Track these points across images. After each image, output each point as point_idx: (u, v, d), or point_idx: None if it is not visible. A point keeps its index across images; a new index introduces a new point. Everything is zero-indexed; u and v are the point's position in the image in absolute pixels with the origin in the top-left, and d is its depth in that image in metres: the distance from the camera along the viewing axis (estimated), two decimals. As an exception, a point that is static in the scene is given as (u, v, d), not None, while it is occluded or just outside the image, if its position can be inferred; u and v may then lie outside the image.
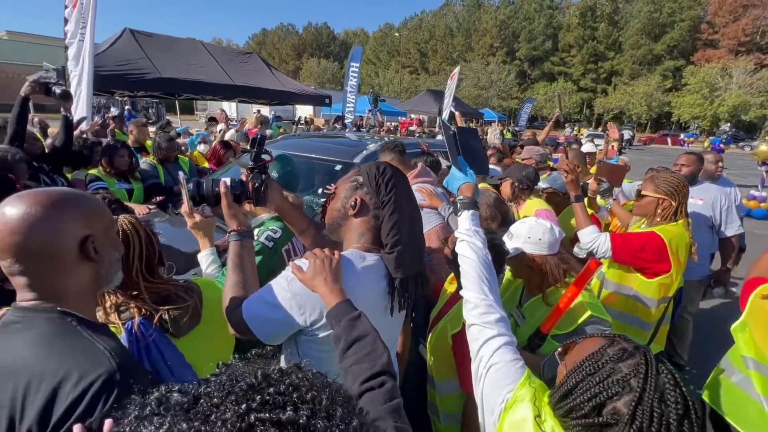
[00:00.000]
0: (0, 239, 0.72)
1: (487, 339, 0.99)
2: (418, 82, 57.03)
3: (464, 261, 1.15)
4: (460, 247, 1.18)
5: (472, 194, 1.28)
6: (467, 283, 1.11)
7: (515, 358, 0.97)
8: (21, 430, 0.65)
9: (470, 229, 1.20)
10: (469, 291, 1.09)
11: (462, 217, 1.23)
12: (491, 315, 1.03)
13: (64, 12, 5.84)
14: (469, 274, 1.11)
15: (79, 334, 0.75)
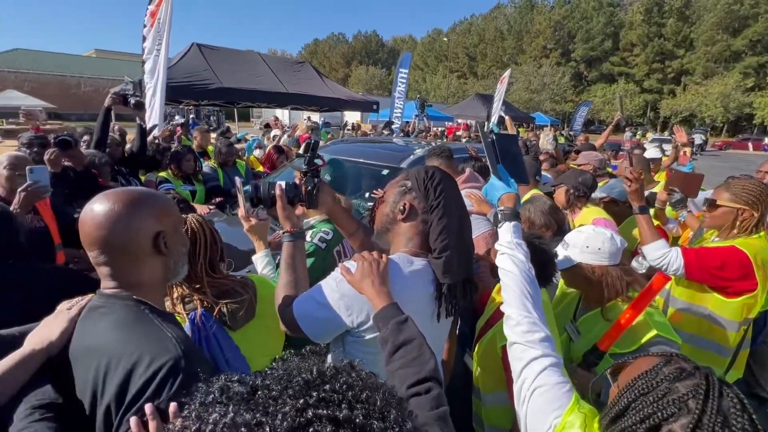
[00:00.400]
0: (89, 233, 0.81)
1: (531, 359, 0.94)
2: (465, 87, 56.22)
3: (505, 275, 1.10)
4: (501, 261, 1.13)
5: (514, 205, 1.22)
6: (509, 298, 1.06)
7: (562, 380, 0.90)
8: (102, 404, 0.72)
9: (512, 241, 1.14)
10: (510, 307, 1.04)
11: (503, 229, 1.18)
12: (535, 333, 0.97)
13: (143, 31, 6.47)
14: (511, 289, 1.06)
15: (151, 321, 0.82)
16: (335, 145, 4.26)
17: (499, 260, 1.14)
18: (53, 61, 33.31)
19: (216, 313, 1.21)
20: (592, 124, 44.39)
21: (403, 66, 10.32)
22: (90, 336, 0.80)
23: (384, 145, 4.00)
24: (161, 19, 6.13)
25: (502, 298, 1.08)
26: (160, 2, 6.16)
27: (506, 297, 1.07)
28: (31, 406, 0.71)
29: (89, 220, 0.81)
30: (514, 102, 36.87)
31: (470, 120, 24.80)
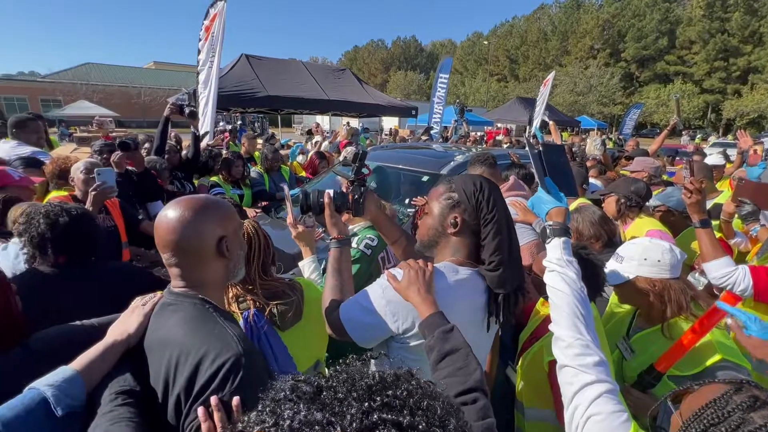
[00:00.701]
0: (163, 237, 0.89)
1: (584, 385, 0.89)
2: (506, 90, 54.88)
3: (555, 294, 1.06)
4: (551, 278, 1.09)
5: (564, 220, 1.17)
6: (558, 318, 1.02)
7: (618, 409, 0.85)
8: (173, 393, 0.79)
9: (562, 258, 1.10)
10: (560, 327, 1.00)
11: (552, 245, 1.13)
12: (588, 357, 0.92)
13: (199, 44, 6.92)
14: (561, 309, 1.02)
15: (215, 320, 0.88)
16: (375, 151, 4.33)
17: (548, 277, 1.10)
18: (117, 74, 36.42)
19: (267, 314, 1.28)
20: (643, 127, 41.68)
21: (443, 71, 10.28)
22: (162, 330, 0.88)
23: (424, 152, 4.01)
24: (215, 33, 6.53)
25: (551, 317, 1.04)
26: (214, 17, 6.57)
27: (555, 317, 1.03)
28: (115, 391, 0.79)
29: (164, 225, 0.89)
30: (558, 105, 35.48)
31: (510, 124, 24.18)
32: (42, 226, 1.45)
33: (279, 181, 4.38)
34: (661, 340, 1.29)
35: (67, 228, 1.47)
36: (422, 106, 13.14)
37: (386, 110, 10.67)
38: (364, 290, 1.16)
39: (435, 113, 10.15)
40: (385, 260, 1.90)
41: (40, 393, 0.73)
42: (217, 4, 6.50)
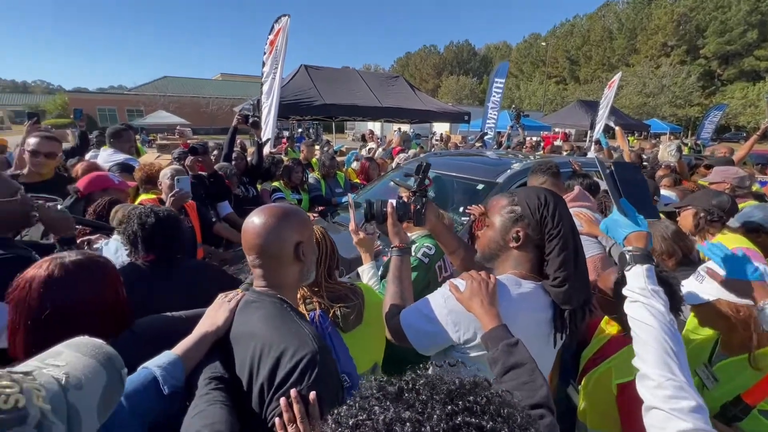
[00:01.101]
0: (249, 241, 0.99)
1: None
2: (565, 93, 52.18)
3: (639, 327, 0.99)
4: (634, 310, 1.02)
5: (645, 245, 1.10)
6: (644, 354, 0.94)
7: None
8: (257, 383, 0.88)
9: (646, 288, 1.02)
10: (647, 364, 0.92)
11: (634, 274, 1.06)
12: (683, 401, 0.83)
13: (263, 57, 7.41)
14: (648, 344, 0.94)
15: (292, 318, 0.96)
16: (427, 158, 4.35)
17: (630, 308, 1.04)
18: (189, 85, 39.94)
19: (331, 315, 1.36)
20: (726, 130, 37.43)
21: (499, 75, 10.06)
22: (247, 324, 0.97)
23: (478, 159, 3.96)
24: (278, 46, 6.96)
25: (635, 351, 0.98)
26: (278, 32, 7.01)
27: (641, 352, 0.96)
28: (208, 376, 0.90)
29: (250, 230, 0.99)
30: (624, 108, 33.04)
31: (569, 129, 22.92)
32: (135, 226, 1.66)
33: (335, 186, 4.56)
34: (749, 371, 1.18)
35: (155, 228, 1.66)
36: (475, 111, 12.94)
37: (438, 116, 10.66)
38: (426, 299, 1.19)
39: (489, 118, 9.94)
40: (441, 269, 1.92)
41: (151, 372, 0.85)
42: (281, 20, 6.93)
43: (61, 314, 0.93)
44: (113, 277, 1.08)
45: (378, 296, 1.57)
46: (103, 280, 1.03)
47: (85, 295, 0.97)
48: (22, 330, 0.92)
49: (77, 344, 0.60)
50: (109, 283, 1.05)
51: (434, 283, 1.90)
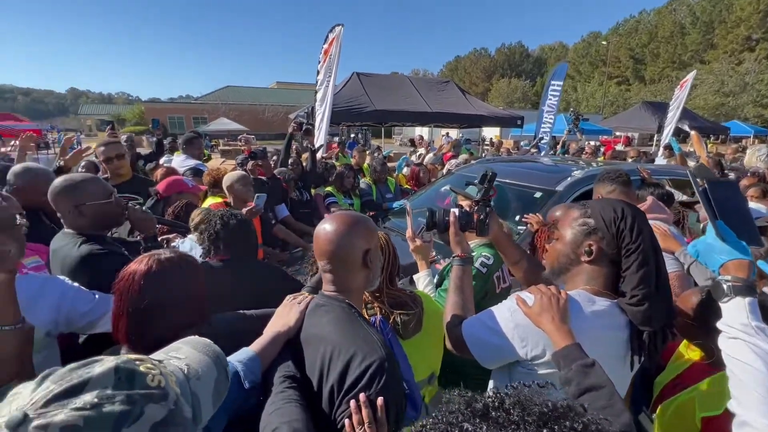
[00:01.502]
0: (321, 246, 1.04)
1: None
2: (627, 94, 48.64)
3: (740, 367, 0.89)
4: (732, 347, 0.93)
5: (748, 275, 0.98)
6: (745, 398, 0.86)
7: None
8: (327, 384, 0.91)
9: (749, 324, 0.92)
10: (748, 410, 0.84)
11: (734, 307, 0.96)
12: None
13: (318, 65, 7.71)
14: (750, 388, 0.85)
15: (360, 323, 0.99)
16: (481, 165, 4.26)
17: (728, 345, 0.95)
18: (248, 94, 42.48)
19: (391, 322, 1.37)
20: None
21: (556, 77, 9.61)
22: (317, 327, 1.02)
23: (535, 165, 3.81)
24: (332, 55, 7.20)
25: (731, 393, 0.89)
26: (332, 41, 7.26)
27: (740, 395, 0.88)
28: (283, 374, 0.95)
29: (323, 236, 1.04)
30: (697, 108, 30.11)
31: (632, 132, 21.31)
32: (213, 227, 1.79)
33: (385, 192, 4.61)
34: None
35: (230, 230, 1.79)
36: (528, 115, 12.48)
37: (489, 120, 10.42)
38: (489, 310, 1.17)
39: (544, 122, 9.53)
40: (500, 279, 1.87)
41: (233, 366, 0.92)
42: (335, 29, 7.17)
43: (156, 305, 1.03)
44: (199, 274, 1.18)
45: (436, 305, 1.57)
46: (191, 276, 1.14)
47: (175, 289, 1.08)
48: (125, 317, 1.03)
49: (193, 342, 0.67)
50: (196, 279, 1.15)
51: (492, 294, 1.85)
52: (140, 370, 0.51)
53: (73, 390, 0.45)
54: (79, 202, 1.66)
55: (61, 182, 1.69)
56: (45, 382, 0.47)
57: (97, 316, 1.44)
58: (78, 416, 0.43)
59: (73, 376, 0.47)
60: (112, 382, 0.47)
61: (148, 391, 0.49)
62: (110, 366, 0.49)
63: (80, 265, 1.60)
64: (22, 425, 0.41)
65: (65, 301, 1.39)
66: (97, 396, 0.45)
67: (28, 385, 0.47)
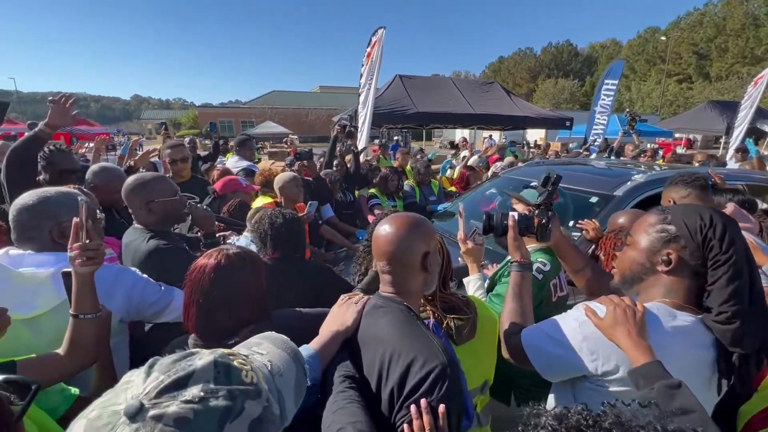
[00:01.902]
0: (381, 247, 1.03)
1: None
2: (689, 93, 44.95)
3: None
4: None
5: None
6: None
7: None
8: (387, 387, 0.90)
9: None
10: None
11: None
12: None
13: (361, 69, 7.81)
14: None
15: (419, 327, 0.97)
16: (530, 168, 4.10)
17: None
18: (292, 98, 44.01)
19: (444, 326, 1.34)
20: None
21: (611, 76, 9.04)
22: (374, 328, 1.01)
23: (590, 169, 3.61)
24: (374, 58, 7.27)
25: None
26: (374, 44, 7.33)
27: None
28: (342, 374, 0.95)
29: (383, 237, 1.03)
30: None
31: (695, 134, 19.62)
32: (266, 226, 1.85)
33: (429, 194, 4.57)
34: None
35: (283, 229, 1.84)
36: (577, 116, 11.87)
37: (536, 122, 10.05)
38: (553, 320, 1.10)
39: (596, 124, 9.01)
40: (557, 287, 1.78)
41: (296, 363, 0.93)
42: (378, 32, 7.23)
43: (223, 297, 1.08)
44: (262, 270, 1.21)
45: (490, 311, 1.51)
46: (256, 272, 1.18)
47: (241, 283, 1.12)
48: (195, 307, 1.08)
49: (271, 338, 0.68)
50: (259, 275, 1.19)
51: (548, 303, 1.76)
52: (235, 365, 0.52)
53: (180, 381, 0.47)
54: (149, 198, 1.78)
55: (134, 180, 1.82)
56: (153, 372, 0.49)
57: (162, 306, 1.53)
58: (189, 409, 0.44)
59: (178, 368, 0.48)
60: (213, 376, 0.49)
61: (246, 387, 0.50)
62: (210, 360, 0.50)
63: (148, 259, 1.70)
64: (139, 414, 0.43)
65: (136, 290, 1.48)
66: (202, 389, 0.46)
67: (137, 373, 0.49)
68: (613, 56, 53.45)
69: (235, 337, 1.08)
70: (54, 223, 1.32)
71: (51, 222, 1.31)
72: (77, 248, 1.07)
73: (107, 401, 0.46)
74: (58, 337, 1.15)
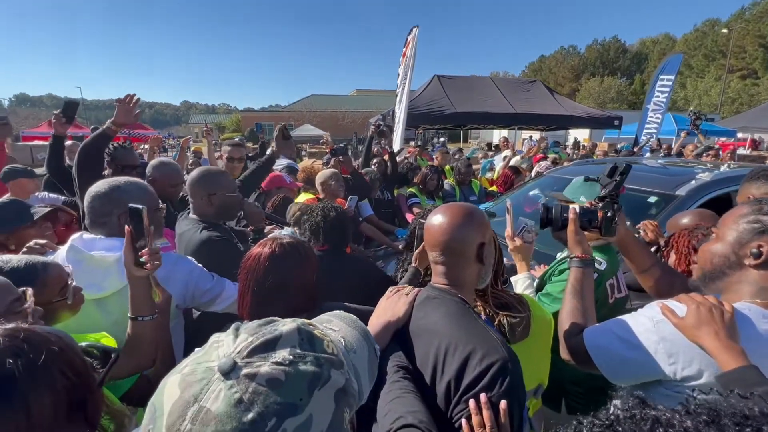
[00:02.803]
0: (435, 237, 1.00)
1: None
2: (754, 90, 41.19)
3: None
4: None
5: None
6: None
7: None
8: (443, 381, 0.86)
9: None
10: None
11: None
12: None
13: (398, 69, 7.81)
14: None
15: (476, 320, 0.93)
16: (579, 166, 3.90)
17: None
18: (329, 101, 44.90)
19: (496, 323, 1.28)
20: None
21: (667, 71, 8.40)
22: (427, 319, 0.98)
23: (649, 167, 3.37)
24: (408, 57, 7.24)
25: None
26: (408, 43, 7.31)
27: None
28: (396, 364, 0.93)
29: (436, 227, 1.00)
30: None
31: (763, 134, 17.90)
32: (317, 218, 1.87)
33: (468, 194, 4.47)
34: None
35: (333, 222, 1.85)
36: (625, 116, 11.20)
37: (582, 121, 9.59)
38: (621, 320, 1.02)
39: (649, 122, 8.44)
40: (614, 288, 1.66)
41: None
42: (412, 31, 7.20)
43: (277, 284, 1.09)
44: (313, 260, 1.22)
45: (544, 310, 1.43)
46: (307, 261, 1.18)
47: (294, 271, 1.13)
48: (249, 294, 1.10)
49: (341, 316, 0.66)
50: (311, 265, 1.19)
51: (603, 304, 1.65)
52: (317, 335, 0.51)
53: (269, 343, 0.46)
54: (212, 191, 1.86)
55: (200, 172, 1.91)
56: (241, 333, 0.49)
57: (215, 294, 1.58)
58: (280, 371, 0.44)
59: (265, 331, 0.48)
60: (297, 341, 0.48)
61: (329, 356, 0.49)
62: (294, 326, 0.50)
63: (200, 248, 1.77)
64: (233, 371, 0.43)
65: (192, 278, 1.54)
66: (291, 353, 0.46)
67: (224, 335, 0.50)
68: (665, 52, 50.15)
69: (288, 325, 1.08)
70: (123, 210, 1.40)
71: (121, 208, 1.39)
72: (148, 253, 1.10)
73: (199, 358, 0.47)
74: (122, 317, 1.21)
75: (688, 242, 1.38)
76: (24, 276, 1.03)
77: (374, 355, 0.64)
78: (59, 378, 0.64)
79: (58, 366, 0.64)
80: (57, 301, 1.08)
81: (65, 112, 2.38)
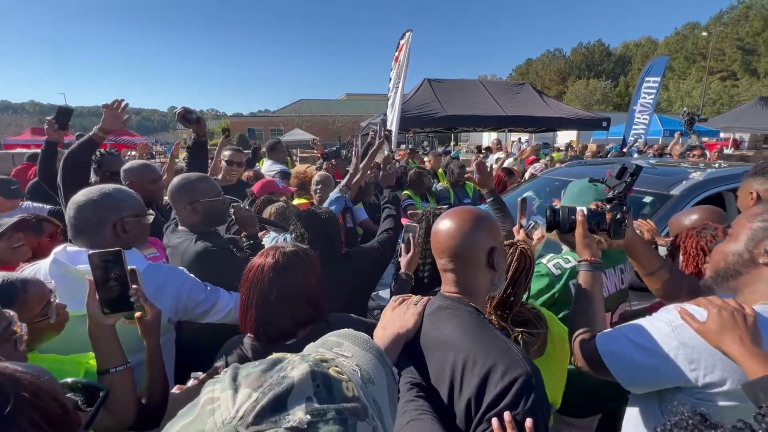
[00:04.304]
0: (443, 242, 0.95)
1: None
2: (734, 91, 42.29)
3: None
4: None
5: None
6: None
7: None
8: (462, 398, 0.81)
9: None
10: None
11: None
12: None
13: (390, 73, 7.79)
14: None
15: (493, 332, 0.88)
16: (572, 168, 3.91)
17: None
18: (319, 106, 44.76)
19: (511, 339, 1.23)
20: None
21: (652, 73, 8.57)
22: (439, 331, 0.93)
23: (645, 168, 3.38)
24: (402, 61, 7.22)
25: None
26: (401, 47, 7.30)
27: None
28: (408, 381, 0.87)
29: (443, 232, 0.95)
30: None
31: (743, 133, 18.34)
32: (304, 223, 1.81)
33: (463, 197, 4.46)
34: None
35: (320, 227, 1.79)
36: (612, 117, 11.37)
37: (570, 123, 9.69)
38: (637, 324, 0.99)
39: (636, 123, 8.57)
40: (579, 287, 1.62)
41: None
42: (405, 35, 7.19)
43: (282, 295, 1.03)
44: (317, 266, 1.17)
45: (561, 327, 1.36)
46: (310, 268, 1.13)
47: (300, 281, 1.07)
48: (254, 308, 1.04)
49: (351, 336, 0.58)
50: (315, 273, 1.14)
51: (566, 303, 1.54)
52: (334, 376, 0.43)
53: (279, 400, 0.38)
54: (194, 199, 1.78)
55: (179, 180, 1.83)
56: (240, 387, 0.40)
57: (209, 306, 1.51)
58: None
59: (272, 382, 0.40)
60: (313, 390, 0.40)
61: (352, 405, 0.41)
62: (306, 370, 0.42)
63: (197, 260, 1.69)
64: None
65: (184, 290, 1.47)
66: (308, 411, 0.38)
67: (219, 387, 0.41)
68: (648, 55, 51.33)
69: (293, 338, 1.03)
70: (117, 218, 1.33)
71: (114, 216, 1.32)
72: (143, 297, 1.01)
73: (190, 425, 0.38)
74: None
75: (697, 243, 1.36)
76: (1, 296, 0.95)
77: (393, 381, 0.57)
78: (29, 431, 0.51)
79: (27, 416, 0.51)
80: (39, 321, 1.01)
81: (58, 118, 2.34)
